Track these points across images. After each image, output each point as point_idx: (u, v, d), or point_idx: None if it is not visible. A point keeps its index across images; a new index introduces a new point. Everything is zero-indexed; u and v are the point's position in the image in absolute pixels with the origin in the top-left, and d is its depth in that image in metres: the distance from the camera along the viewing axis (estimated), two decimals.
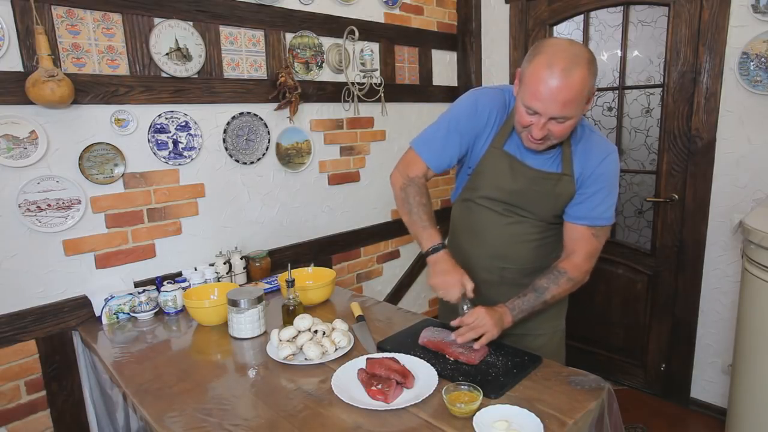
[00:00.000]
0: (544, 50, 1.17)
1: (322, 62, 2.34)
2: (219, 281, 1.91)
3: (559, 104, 1.15)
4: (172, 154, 1.90)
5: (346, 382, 1.21)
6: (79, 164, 1.68)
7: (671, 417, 2.47)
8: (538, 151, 1.34)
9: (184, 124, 1.91)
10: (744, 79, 2.09)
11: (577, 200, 1.38)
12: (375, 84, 2.48)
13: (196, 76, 1.92)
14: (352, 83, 2.41)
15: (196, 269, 1.92)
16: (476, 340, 1.32)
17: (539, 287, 1.37)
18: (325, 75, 2.37)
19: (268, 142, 2.17)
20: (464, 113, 1.41)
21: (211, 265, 1.96)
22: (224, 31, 2.00)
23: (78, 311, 1.73)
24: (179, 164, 1.92)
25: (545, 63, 1.15)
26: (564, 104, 1.15)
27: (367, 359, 1.25)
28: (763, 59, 2.04)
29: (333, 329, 1.45)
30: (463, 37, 3.00)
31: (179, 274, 1.93)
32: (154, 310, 1.76)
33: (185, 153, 1.93)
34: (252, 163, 2.14)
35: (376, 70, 2.51)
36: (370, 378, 1.18)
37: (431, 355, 1.32)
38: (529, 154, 1.37)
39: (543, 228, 1.46)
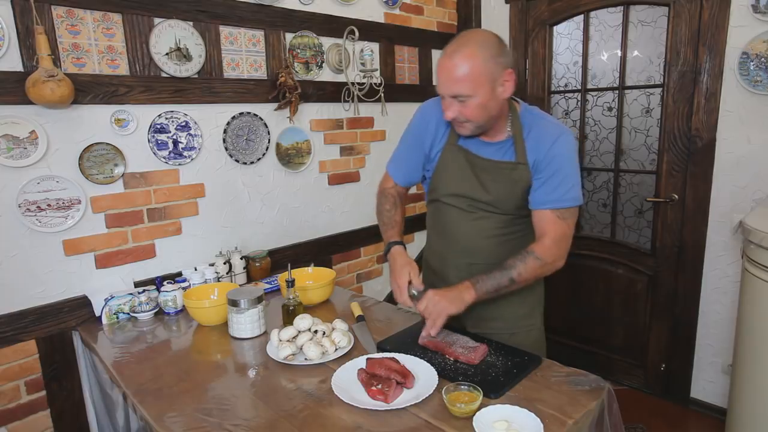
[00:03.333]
0: (452, 40, 1.30)
1: (322, 62, 2.34)
2: (219, 281, 1.91)
3: (451, 82, 1.25)
4: (172, 154, 1.90)
5: (346, 382, 1.21)
6: (79, 164, 1.68)
7: (671, 417, 2.47)
8: (488, 141, 1.40)
9: (184, 124, 1.91)
10: (744, 79, 2.09)
11: (535, 186, 1.38)
12: (375, 84, 2.48)
13: (196, 76, 1.92)
14: (352, 83, 2.41)
15: (196, 269, 1.92)
16: (478, 340, 1.32)
17: (506, 265, 1.35)
18: (325, 75, 2.37)
19: (268, 142, 2.17)
20: (414, 125, 1.55)
21: (211, 265, 1.96)
22: (224, 31, 2.00)
23: (78, 311, 1.73)
24: (179, 164, 1.92)
25: (444, 49, 1.28)
26: (455, 82, 1.24)
27: (367, 359, 1.25)
28: (763, 59, 2.04)
29: (333, 329, 1.45)
30: None
31: (179, 274, 1.93)
32: (154, 310, 1.76)
33: (185, 153, 1.93)
34: (252, 163, 2.14)
35: (376, 70, 2.51)
36: (370, 378, 1.18)
37: (431, 355, 1.32)
38: (482, 146, 1.42)
39: (508, 222, 1.46)
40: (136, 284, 1.85)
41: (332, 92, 2.39)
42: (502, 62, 1.26)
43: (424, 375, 1.21)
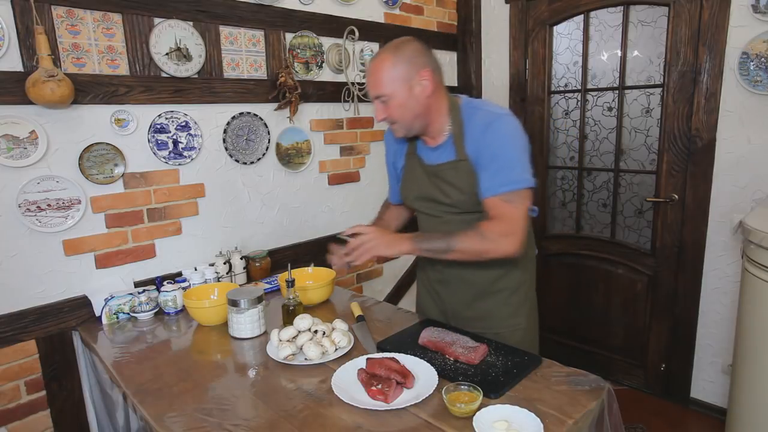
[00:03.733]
0: None
1: (322, 62, 2.34)
2: (219, 281, 1.91)
3: (370, 85, 1.38)
4: (172, 154, 1.90)
5: (346, 382, 1.21)
6: (79, 164, 1.68)
7: (671, 417, 2.47)
8: (432, 147, 1.47)
9: (184, 124, 1.91)
10: (744, 79, 2.09)
11: (479, 177, 1.38)
12: None
13: (196, 76, 1.92)
14: (352, 83, 2.41)
15: (196, 269, 1.92)
16: (478, 340, 1.32)
17: (451, 233, 1.36)
18: (325, 75, 2.37)
19: (268, 142, 2.17)
20: (385, 149, 1.70)
21: (211, 265, 1.96)
22: (224, 31, 2.00)
23: (78, 311, 1.73)
24: (179, 164, 1.92)
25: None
26: (373, 84, 1.37)
27: (367, 359, 1.25)
28: (763, 59, 2.04)
29: (333, 329, 1.45)
30: (463, 37, 3.00)
31: (179, 274, 1.93)
32: (154, 310, 1.76)
33: (185, 153, 1.93)
34: (252, 163, 2.14)
35: None
36: (370, 378, 1.17)
37: (431, 355, 1.32)
38: (428, 152, 1.49)
39: (475, 220, 1.43)
40: (136, 284, 1.85)
41: (332, 92, 2.39)
42: (418, 62, 1.35)
43: (424, 375, 1.21)
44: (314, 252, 2.41)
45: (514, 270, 1.51)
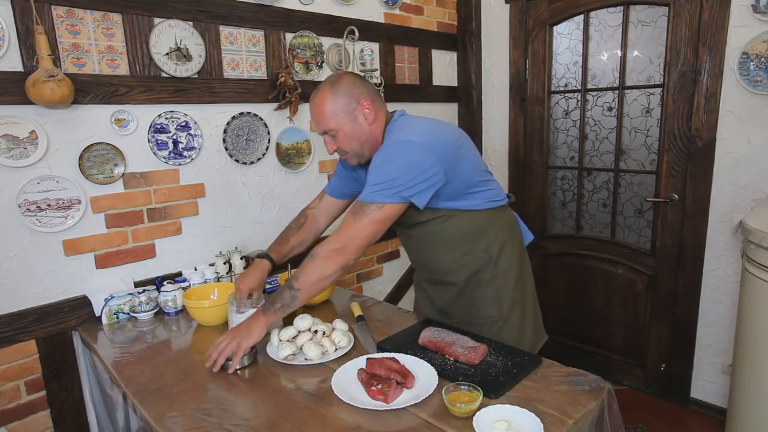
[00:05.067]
0: None
1: (322, 62, 2.34)
2: (219, 281, 1.91)
3: (316, 122, 1.44)
4: (172, 154, 1.90)
5: (346, 382, 1.21)
6: (79, 164, 1.68)
7: (671, 417, 2.47)
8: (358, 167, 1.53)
9: (184, 124, 1.91)
10: (744, 79, 2.09)
11: None
12: (375, 84, 2.47)
13: (196, 76, 1.92)
14: None
15: (196, 269, 1.92)
16: (478, 340, 1.33)
17: (290, 277, 1.41)
18: (325, 75, 2.37)
19: (268, 142, 2.17)
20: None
21: (211, 265, 1.96)
22: (224, 31, 2.00)
23: (78, 311, 1.73)
24: (179, 164, 1.92)
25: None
26: (317, 122, 1.43)
27: (367, 359, 1.26)
28: (763, 59, 2.04)
29: (333, 329, 1.45)
30: (463, 37, 3.01)
31: (179, 274, 1.93)
32: (154, 310, 1.76)
33: (185, 153, 1.93)
34: (252, 163, 2.14)
35: (376, 70, 2.51)
36: (370, 378, 1.18)
37: (431, 355, 1.32)
38: (363, 173, 1.52)
39: (431, 231, 1.48)
40: (136, 284, 1.85)
41: None
42: (356, 93, 1.40)
43: (424, 375, 1.21)
44: None
45: (486, 267, 1.51)
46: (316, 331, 1.42)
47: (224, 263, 1.97)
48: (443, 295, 1.59)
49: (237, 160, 2.08)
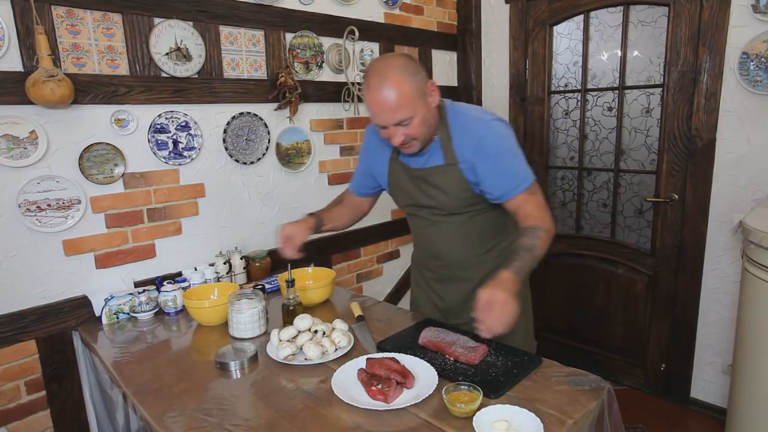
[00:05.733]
0: (367, 75, 1.31)
1: (322, 62, 2.34)
2: (219, 281, 1.91)
3: (390, 113, 1.28)
4: (172, 154, 1.90)
5: (346, 382, 1.21)
6: (79, 164, 1.68)
7: (671, 417, 2.47)
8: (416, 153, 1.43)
9: (184, 124, 1.91)
10: (744, 79, 2.09)
11: (483, 184, 1.39)
12: None
13: (196, 76, 1.92)
14: (352, 83, 2.41)
15: (196, 269, 1.92)
16: (478, 340, 1.33)
17: (528, 246, 1.32)
18: (325, 75, 2.37)
19: (268, 142, 2.17)
20: (364, 142, 1.65)
21: (211, 265, 1.96)
22: (224, 31, 2.00)
23: (78, 311, 1.73)
24: (179, 164, 1.92)
25: (368, 86, 1.30)
26: (394, 111, 1.27)
27: (367, 359, 1.25)
28: (763, 59, 2.04)
29: (333, 329, 1.45)
30: (463, 37, 3.00)
31: (179, 274, 1.93)
32: (154, 310, 1.76)
33: (185, 153, 1.93)
34: (252, 163, 2.14)
35: None
36: (370, 378, 1.17)
37: (431, 355, 1.32)
38: (412, 158, 1.47)
39: (465, 221, 1.48)
40: (136, 284, 1.85)
41: (332, 92, 2.39)
42: (423, 75, 1.32)
43: (424, 375, 1.21)
44: (314, 252, 2.41)
45: (500, 268, 1.50)
46: (316, 331, 1.42)
47: (224, 263, 1.97)
48: (453, 294, 1.58)
49: (237, 160, 2.08)
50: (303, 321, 1.43)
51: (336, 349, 1.38)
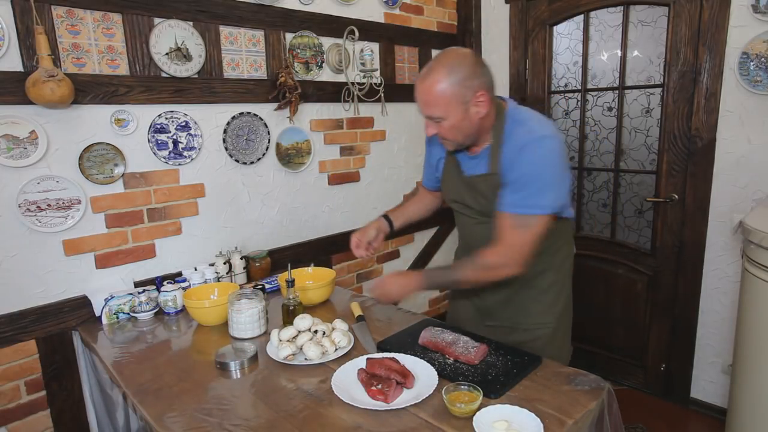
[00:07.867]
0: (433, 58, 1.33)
1: (322, 62, 2.34)
2: (219, 281, 1.91)
3: (423, 105, 1.30)
4: (172, 154, 1.90)
5: (346, 382, 1.21)
6: (79, 164, 1.68)
7: (671, 417, 2.47)
8: (470, 155, 1.43)
9: (184, 124, 1.91)
10: (744, 79, 2.09)
11: (501, 189, 1.35)
12: (375, 84, 2.48)
13: (196, 76, 1.92)
14: (352, 83, 2.41)
15: (196, 269, 1.92)
16: (478, 340, 1.33)
17: (456, 268, 1.42)
18: (325, 75, 2.37)
19: (268, 142, 2.17)
20: (426, 140, 1.65)
21: (211, 265, 1.96)
22: (224, 31, 2.00)
23: (78, 311, 1.73)
24: (179, 164, 1.92)
25: (421, 72, 1.31)
26: (425, 105, 1.29)
27: (367, 359, 1.25)
28: (763, 59, 2.04)
29: (333, 329, 1.45)
30: (463, 37, 3.00)
31: (179, 274, 1.93)
32: (154, 310, 1.76)
33: (185, 153, 1.93)
34: (252, 163, 2.14)
35: (376, 70, 2.51)
36: (370, 378, 1.18)
37: (431, 355, 1.32)
38: (466, 159, 1.46)
39: None
40: (136, 284, 1.85)
41: (332, 92, 2.39)
42: (474, 84, 1.26)
43: (424, 375, 1.21)
44: (314, 252, 2.41)
45: (548, 271, 1.50)
46: (316, 331, 1.42)
47: (224, 263, 1.97)
48: (493, 295, 1.54)
49: (237, 160, 2.08)
50: (303, 321, 1.43)
51: (336, 349, 1.38)
